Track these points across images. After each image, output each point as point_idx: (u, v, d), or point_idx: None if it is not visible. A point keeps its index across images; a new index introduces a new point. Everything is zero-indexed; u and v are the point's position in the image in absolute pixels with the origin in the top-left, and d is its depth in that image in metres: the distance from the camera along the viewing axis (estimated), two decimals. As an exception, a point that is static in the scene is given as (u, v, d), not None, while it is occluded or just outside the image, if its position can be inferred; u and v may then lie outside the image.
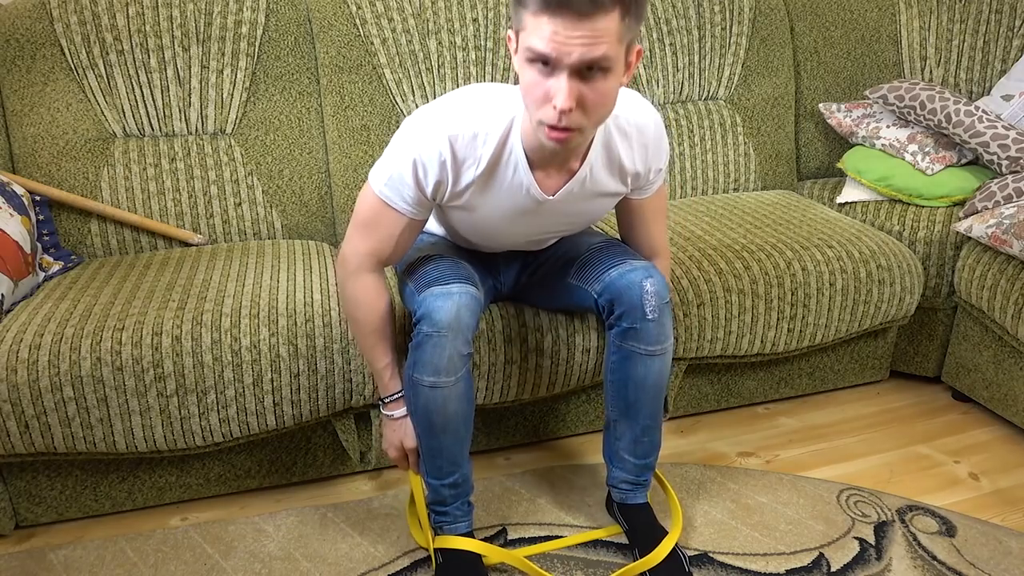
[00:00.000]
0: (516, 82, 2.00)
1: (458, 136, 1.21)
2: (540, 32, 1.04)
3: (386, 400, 1.42)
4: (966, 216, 1.88)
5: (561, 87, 1.06)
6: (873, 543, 1.49)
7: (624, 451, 1.44)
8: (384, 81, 1.93)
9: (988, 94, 2.30)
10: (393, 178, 1.25)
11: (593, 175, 1.29)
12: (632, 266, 1.35)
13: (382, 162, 1.27)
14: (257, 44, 1.86)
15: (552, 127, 1.10)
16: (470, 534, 1.42)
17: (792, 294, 1.73)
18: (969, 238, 1.86)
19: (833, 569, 1.42)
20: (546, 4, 1.02)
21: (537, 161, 1.24)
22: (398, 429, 1.41)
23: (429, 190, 1.26)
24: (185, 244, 1.85)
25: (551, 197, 1.28)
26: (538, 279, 1.52)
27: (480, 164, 1.23)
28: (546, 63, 1.06)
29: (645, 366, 1.36)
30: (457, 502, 1.40)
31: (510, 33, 1.13)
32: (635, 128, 1.28)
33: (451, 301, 1.26)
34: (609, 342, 1.40)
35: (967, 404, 1.99)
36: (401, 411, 1.40)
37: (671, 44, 2.12)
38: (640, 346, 1.35)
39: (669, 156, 1.38)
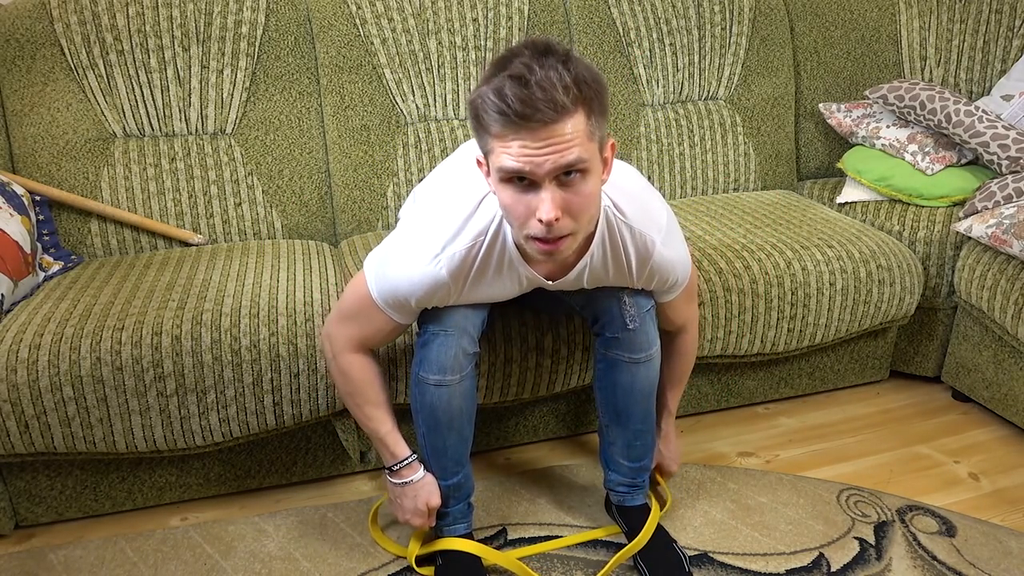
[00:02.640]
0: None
1: (459, 264, 1.19)
2: (508, 150, 1.01)
3: (397, 467, 1.35)
4: (966, 216, 1.88)
5: (543, 199, 1.03)
6: (873, 543, 1.48)
7: (618, 455, 1.45)
8: (384, 81, 1.93)
9: (988, 94, 2.30)
10: (391, 297, 1.24)
11: (592, 268, 1.25)
12: None
13: (382, 275, 1.24)
14: (257, 44, 1.86)
15: (542, 240, 1.07)
16: (469, 535, 1.42)
17: (792, 294, 1.73)
18: (969, 238, 1.86)
19: (833, 569, 1.42)
20: (507, 122, 0.99)
21: (530, 259, 1.22)
22: (421, 491, 1.35)
23: (429, 307, 1.27)
24: (185, 244, 1.85)
25: (550, 283, 1.26)
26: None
27: (478, 270, 1.22)
28: (522, 179, 1.03)
29: (631, 374, 1.36)
30: (459, 504, 1.40)
31: (479, 157, 1.10)
32: (640, 237, 1.23)
33: None
34: (595, 350, 1.41)
35: (967, 404, 1.99)
36: (419, 473, 1.35)
37: (671, 44, 2.12)
38: (624, 354, 1.35)
39: (682, 272, 1.31)
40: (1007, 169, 1.91)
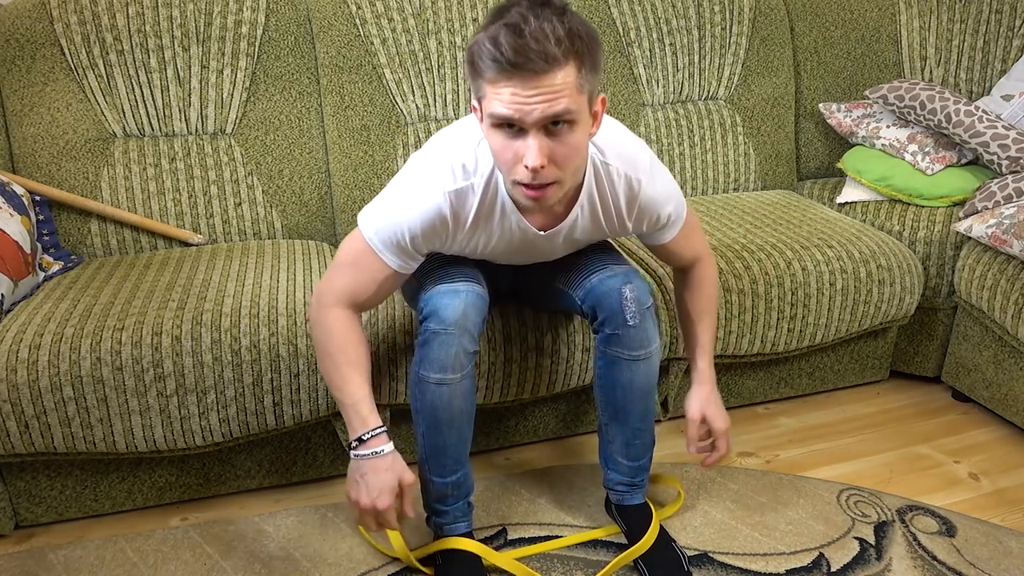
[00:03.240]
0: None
1: (458, 200, 1.21)
2: (499, 96, 1.04)
3: (368, 436, 1.25)
4: (966, 216, 1.88)
5: (530, 146, 1.06)
6: (873, 543, 1.48)
7: (617, 454, 1.45)
8: (384, 81, 1.93)
9: (988, 94, 2.30)
10: (390, 235, 1.23)
11: (584, 218, 1.27)
12: (612, 272, 1.36)
13: (379, 213, 1.24)
14: (257, 44, 1.86)
15: (528, 186, 1.10)
16: (469, 534, 1.42)
17: (792, 294, 1.73)
18: (969, 238, 1.86)
19: (833, 569, 1.42)
20: (500, 69, 1.02)
21: (522, 208, 1.24)
22: (391, 467, 1.25)
23: (424, 251, 1.27)
24: (185, 244, 1.85)
25: (542, 233, 1.28)
26: (529, 282, 1.52)
27: (473, 213, 1.24)
28: (511, 125, 1.07)
29: (631, 371, 1.37)
30: (459, 502, 1.40)
31: (474, 103, 1.13)
32: (626, 180, 1.26)
33: (458, 299, 1.27)
34: (595, 347, 1.41)
35: (967, 404, 1.99)
36: (390, 445, 1.26)
37: (671, 44, 2.12)
38: (624, 351, 1.35)
39: (674, 208, 1.34)
40: (1007, 169, 1.91)
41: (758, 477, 1.67)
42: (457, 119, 1.99)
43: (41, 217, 1.75)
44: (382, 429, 1.27)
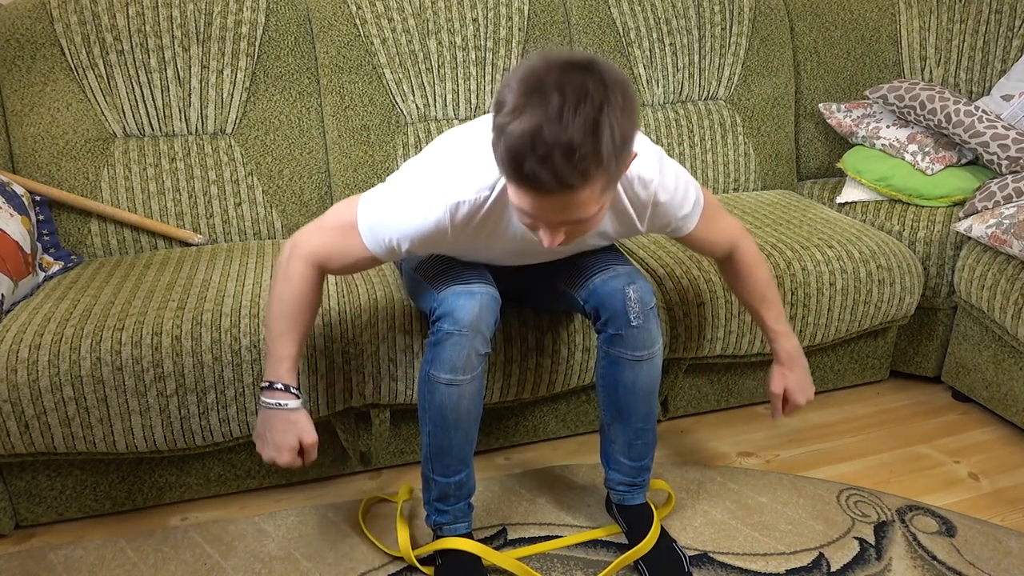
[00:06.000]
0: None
1: (465, 214, 1.18)
2: (519, 198, 1.03)
3: (278, 386, 1.25)
4: (966, 216, 1.88)
5: (546, 233, 1.06)
6: (873, 543, 1.49)
7: (619, 454, 1.45)
8: (384, 81, 1.93)
9: (988, 94, 2.30)
10: (381, 236, 1.20)
11: (594, 232, 1.26)
12: (615, 272, 1.35)
13: (378, 210, 1.20)
14: (257, 44, 1.86)
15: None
16: (469, 535, 1.42)
17: (792, 294, 1.73)
18: (969, 238, 1.86)
19: (833, 569, 1.42)
20: (520, 182, 0.99)
21: None
22: (297, 422, 1.26)
23: (417, 253, 1.26)
24: (185, 244, 1.85)
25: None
26: (531, 284, 1.52)
27: (477, 223, 1.21)
28: None
29: (633, 371, 1.37)
30: (460, 503, 1.40)
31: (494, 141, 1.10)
32: (639, 183, 1.23)
33: (474, 300, 1.26)
34: (598, 347, 1.41)
35: (967, 404, 1.99)
36: (296, 402, 1.26)
37: (671, 44, 2.12)
38: (627, 352, 1.35)
39: (689, 197, 1.29)
40: (1007, 169, 1.91)
41: (758, 477, 1.67)
42: (457, 119, 1.99)
43: (41, 217, 1.75)
44: (294, 392, 1.26)
